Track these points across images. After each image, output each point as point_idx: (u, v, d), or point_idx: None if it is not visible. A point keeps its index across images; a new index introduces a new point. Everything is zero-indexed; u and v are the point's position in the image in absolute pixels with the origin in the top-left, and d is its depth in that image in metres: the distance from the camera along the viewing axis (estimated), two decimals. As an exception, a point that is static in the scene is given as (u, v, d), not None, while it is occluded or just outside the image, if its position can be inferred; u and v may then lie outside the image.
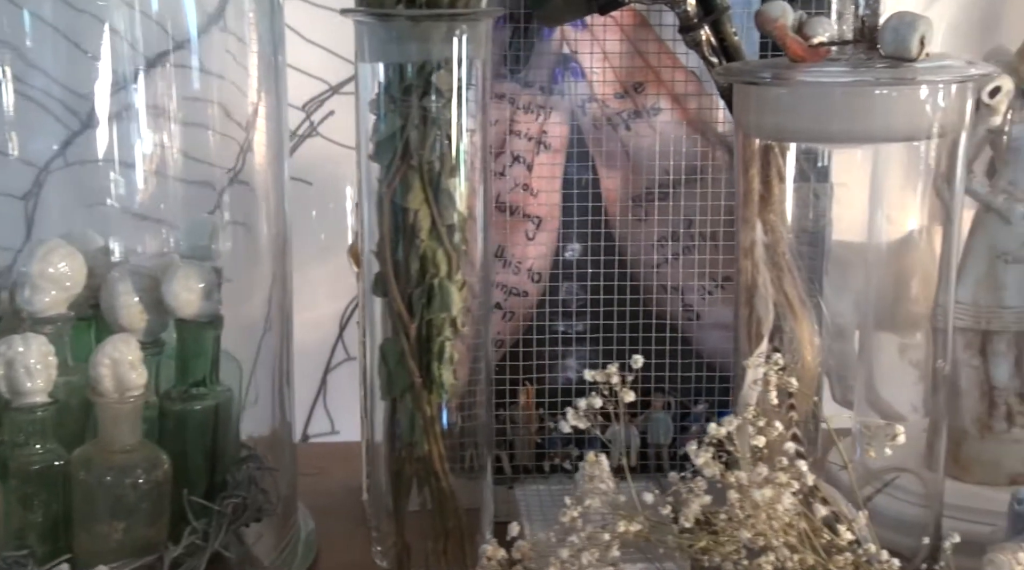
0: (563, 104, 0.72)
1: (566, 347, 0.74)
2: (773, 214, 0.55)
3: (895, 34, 0.49)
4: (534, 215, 0.72)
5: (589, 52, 0.71)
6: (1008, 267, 0.65)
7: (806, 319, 0.56)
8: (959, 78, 0.51)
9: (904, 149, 0.56)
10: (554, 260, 0.73)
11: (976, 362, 0.67)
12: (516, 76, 0.71)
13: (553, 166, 0.72)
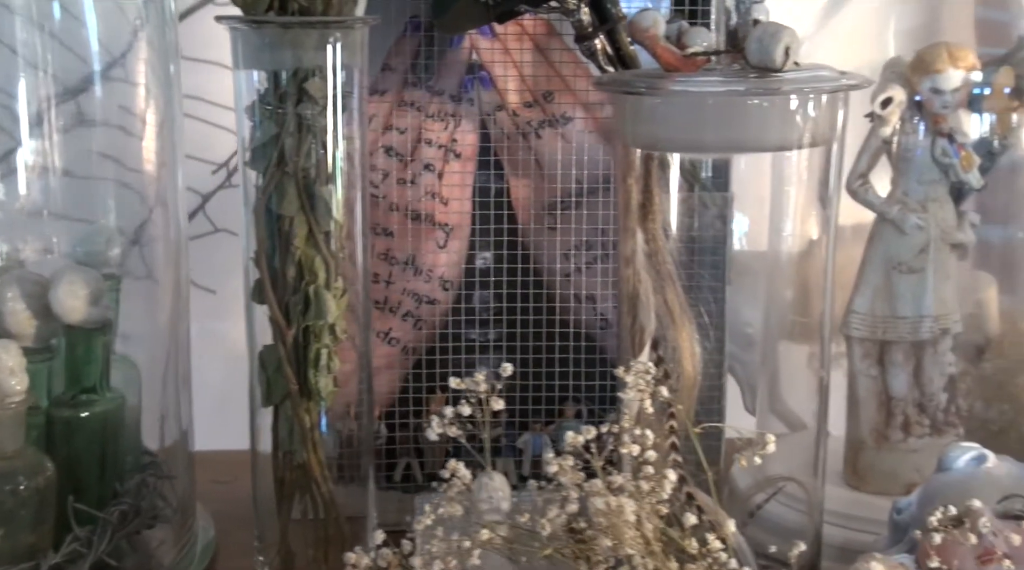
0: (473, 113, 0.72)
1: (478, 355, 0.74)
2: (654, 223, 0.55)
3: (759, 45, 0.49)
4: (445, 223, 0.72)
5: (498, 61, 0.72)
6: (903, 277, 0.65)
7: (686, 328, 0.56)
8: (828, 88, 0.51)
9: (802, 158, 0.56)
10: (465, 268, 0.73)
11: (874, 372, 0.67)
12: (426, 84, 0.71)
13: (464, 174, 0.72)
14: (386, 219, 0.72)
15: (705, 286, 0.67)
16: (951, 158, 0.63)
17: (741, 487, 0.65)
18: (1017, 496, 0.52)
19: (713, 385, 0.69)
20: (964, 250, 0.67)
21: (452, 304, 0.73)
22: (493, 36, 0.71)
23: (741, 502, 0.63)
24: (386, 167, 0.71)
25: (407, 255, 0.72)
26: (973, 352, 0.77)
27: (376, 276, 0.73)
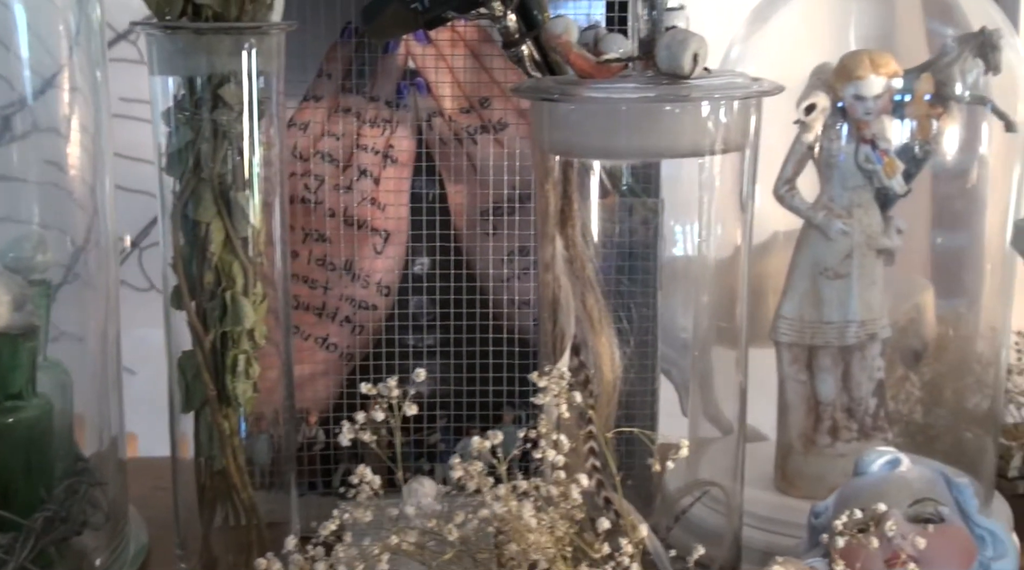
0: (409, 118, 0.72)
1: (416, 361, 0.74)
2: (573, 229, 0.55)
3: (668, 51, 0.49)
4: (382, 229, 0.72)
5: (434, 67, 0.72)
6: (829, 282, 0.66)
7: (605, 334, 0.56)
8: (740, 95, 0.51)
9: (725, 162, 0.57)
10: (403, 274, 0.73)
11: (803, 377, 0.67)
12: (361, 90, 0.72)
13: (400, 180, 0.73)
14: (323, 225, 0.72)
15: (636, 292, 0.68)
16: (874, 164, 0.63)
17: (671, 491, 0.65)
18: (928, 500, 0.52)
19: (646, 390, 0.70)
20: (890, 256, 0.67)
21: (389, 310, 0.73)
22: (428, 42, 0.72)
23: (670, 506, 0.64)
24: (322, 173, 0.71)
25: (344, 261, 0.72)
26: (911, 357, 0.78)
27: (313, 282, 0.73)
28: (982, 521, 0.53)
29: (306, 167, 0.71)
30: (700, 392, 0.77)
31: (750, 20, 0.68)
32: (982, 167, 0.66)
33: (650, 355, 0.68)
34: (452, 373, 0.74)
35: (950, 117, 0.64)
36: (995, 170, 0.66)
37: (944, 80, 0.63)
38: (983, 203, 0.67)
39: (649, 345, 0.68)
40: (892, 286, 0.75)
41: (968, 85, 0.63)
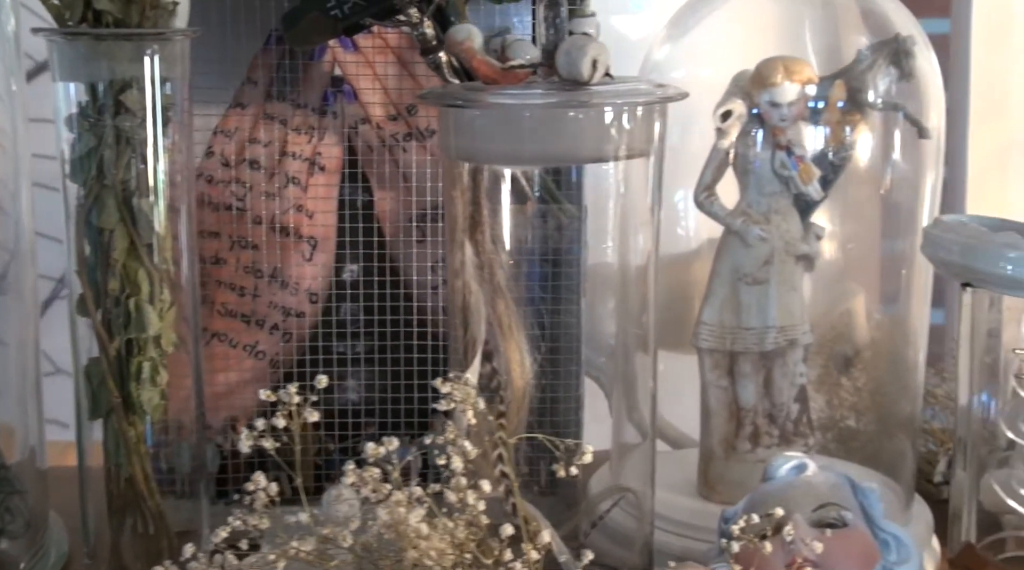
0: (337, 126, 0.72)
1: (346, 368, 0.74)
2: (482, 235, 0.55)
3: (567, 58, 0.49)
4: (310, 236, 0.72)
5: (361, 74, 0.72)
6: (748, 289, 0.66)
7: (515, 340, 0.56)
8: (642, 101, 0.52)
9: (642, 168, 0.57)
10: (332, 281, 0.73)
11: (724, 383, 0.68)
12: (288, 97, 0.72)
13: (328, 187, 0.72)
14: (251, 232, 0.72)
15: (560, 298, 0.68)
16: (790, 170, 0.64)
17: (592, 496, 0.65)
18: (832, 505, 0.52)
19: (570, 396, 0.70)
20: (810, 262, 0.67)
21: (319, 317, 0.73)
22: (355, 49, 0.72)
23: (592, 512, 0.64)
24: (250, 180, 0.71)
25: (273, 268, 0.72)
26: (842, 362, 0.78)
27: (242, 289, 0.73)
28: (887, 526, 0.53)
29: (233, 174, 0.71)
30: (625, 398, 0.77)
31: (672, 24, 0.69)
32: (895, 173, 0.67)
33: (574, 361, 0.68)
34: (380, 380, 0.74)
35: (864, 124, 0.64)
36: (908, 176, 0.67)
37: (858, 87, 0.63)
38: (896, 209, 0.67)
39: (573, 351, 0.68)
40: (824, 292, 0.75)
41: (881, 92, 0.64)
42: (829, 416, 0.80)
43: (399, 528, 0.46)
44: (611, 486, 0.64)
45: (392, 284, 0.73)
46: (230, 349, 0.73)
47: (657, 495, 0.68)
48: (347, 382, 0.75)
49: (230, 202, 0.71)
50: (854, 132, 0.64)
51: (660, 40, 0.69)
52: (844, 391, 0.78)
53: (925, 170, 0.67)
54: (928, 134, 0.65)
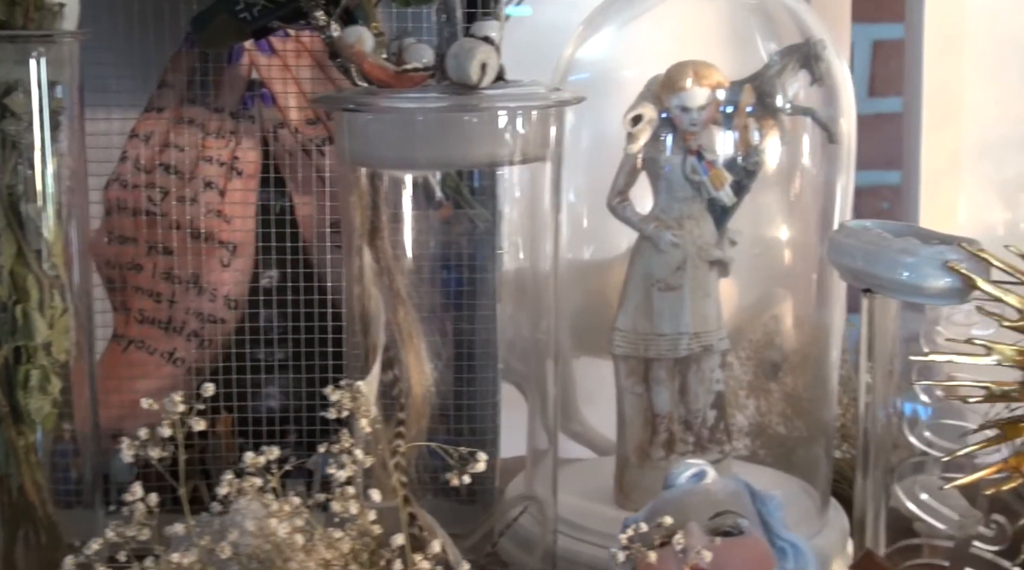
0: (254, 130, 0.71)
1: (266, 375, 0.74)
2: (382, 241, 0.55)
3: (456, 62, 0.49)
4: (228, 242, 0.71)
5: (279, 78, 0.71)
6: (661, 295, 0.65)
7: (415, 348, 0.56)
8: (535, 105, 0.51)
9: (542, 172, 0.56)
10: (251, 287, 0.72)
11: (639, 389, 0.67)
12: (204, 101, 0.71)
13: (246, 192, 0.72)
14: (167, 237, 0.71)
15: (476, 304, 0.67)
16: (700, 176, 0.63)
17: (505, 504, 0.65)
18: (729, 512, 0.52)
19: (487, 403, 0.69)
20: (724, 267, 0.67)
21: (238, 323, 0.72)
22: (273, 53, 0.71)
23: (504, 519, 0.63)
24: (166, 185, 0.71)
25: (190, 274, 0.71)
26: (769, 368, 0.78)
27: (159, 295, 0.72)
28: (785, 533, 0.53)
29: (149, 179, 0.71)
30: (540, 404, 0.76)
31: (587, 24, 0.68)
32: (805, 177, 0.66)
33: (491, 367, 0.68)
34: (300, 388, 0.74)
35: (773, 128, 0.64)
36: (819, 180, 0.66)
37: (769, 91, 0.63)
38: (808, 214, 0.67)
39: (490, 358, 0.68)
40: (751, 296, 0.75)
41: (790, 97, 0.63)
42: (758, 422, 0.79)
43: (271, 539, 0.45)
44: (521, 493, 0.63)
45: (312, 290, 0.72)
46: (148, 356, 0.72)
47: (573, 503, 0.68)
48: (267, 389, 0.74)
49: (146, 207, 0.71)
50: (765, 137, 0.63)
51: (575, 39, 0.68)
52: (773, 397, 0.78)
53: (836, 174, 0.66)
54: (837, 139, 0.65)
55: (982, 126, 1.15)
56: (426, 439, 0.71)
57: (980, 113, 1.16)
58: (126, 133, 0.70)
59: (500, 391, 0.69)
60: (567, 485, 0.71)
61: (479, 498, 0.68)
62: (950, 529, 0.56)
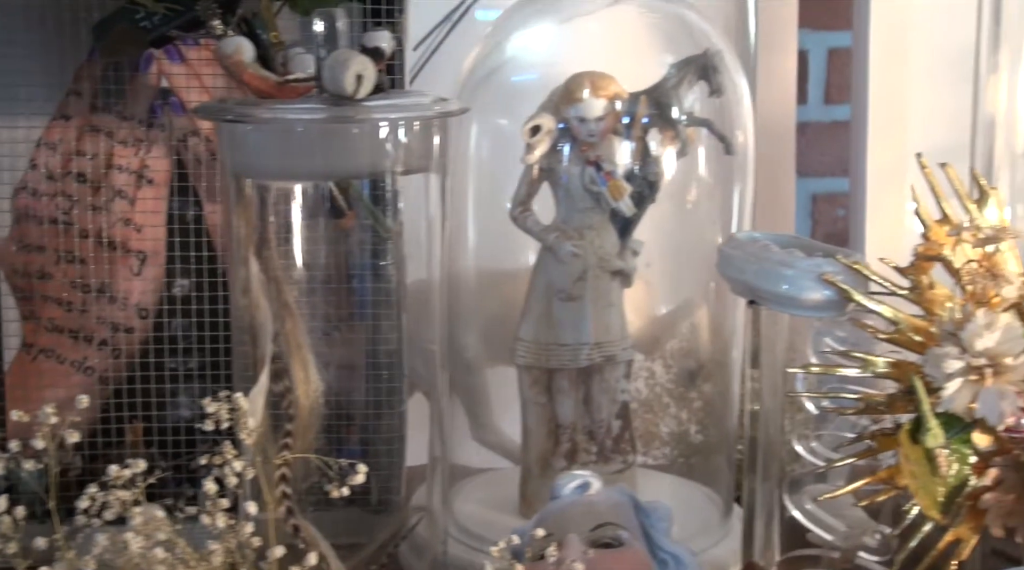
0: (164, 138, 0.71)
1: (177, 384, 0.73)
2: (269, 252, 0.55)
3: (331, 72, 0.49)
4: (139, 250, 0.71)
5: (189, 86, 0.71)
6: (563, 305, 0.65)
7: (301, 358, 0.55)
8: (413, 116, 0.51)
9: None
10: (162, 296, 0.72)
11: (543, 399, 0.67)
12: (114, 109, 0.71)
13: (156, 201, 0.71)
14: (77, 246, 0.71)
15: (381, 313, 0.67)
16: (599, 186, 0.63)
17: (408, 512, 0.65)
18: (610, 524, 0.52)
19: (393, 412, 0.69)
20: (627, 278, 0.67)
21: (149, 332, 0.72)
22: (182, 61, 0.71)
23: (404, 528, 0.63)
24: (75, 193, 0.70)
25: (100, 282, 0.71)
26: (687, 377, 0.78)
27: (69, 304, 0.71)
28: (667, 545, 0.53)
29: (58, 187, 0.70)
30: (471, 415, 0.76)
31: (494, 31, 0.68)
32: (700, 188, 0.66)
33: (396, 378, 0.68)
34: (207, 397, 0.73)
35: (672, 140, 0.64)
36: (715, 191, 0.66)
37: (667, 102, 0.63)
38: (702, 224, 0.67)
39: (395, 367, 0.67)
40: (668, 306, 0.75)
41: (686, 108, 0.63)
42: (678, 430, 0.80)
43: (126, 554, 0.45)
44: (418, 504, 0.63)
45: (223, 299, 0.72)
46: (58, 365, 0.72)
47: (477, 513, 0.68)
48: (179, 399, 0.74)
49: (55, 215, 0.70)
50: (662, 148, 0.63)
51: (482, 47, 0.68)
52: (693, 405, 0.78)
53: (732, 185, 0.66)
54: (734, 150, 0.65)
55: (927, 133, 1.16)
56: (335, 449, 0.71)
57: (925, 120, 1.16)
58: (33, 141, 0.70)
59: (407, 401, 0.68)
60: (474, 495, 0.71)
61: (390, 507, 0.68)
62: (837, 540, 0.56)
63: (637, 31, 0.68)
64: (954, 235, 0.49)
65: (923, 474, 0.46)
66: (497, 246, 0.71)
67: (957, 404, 0.46)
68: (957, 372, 0.46)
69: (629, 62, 0.66)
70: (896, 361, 0.50)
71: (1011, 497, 0.48)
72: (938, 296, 0.49)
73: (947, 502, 0.47)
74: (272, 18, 0.61)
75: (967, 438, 0.47)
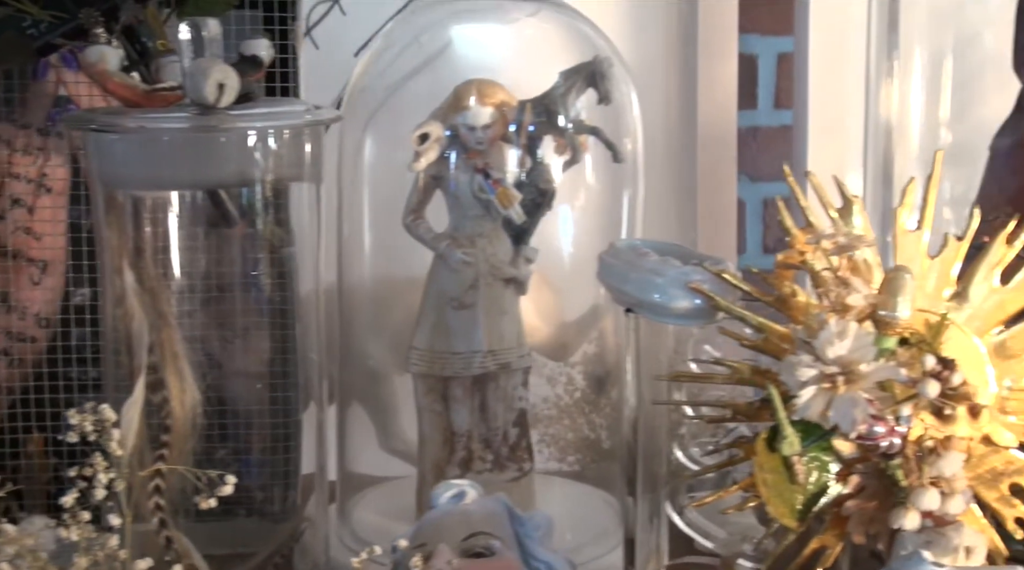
0: (63, 146, 0.70)
1: (80, 394, 0.73)
2: (144, 261, 0.54)
3: (192, 81, 0.49)
4: (39, 259, 0.71)
5: (87, 95, 0.70)
6: (456, 313, 0.65)
7: (176, 369, 0.55)
8: (280, 124, 0.51)
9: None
10: (63, 305, 0.72)
11: (439, 407, 0.67)
12: (10, 118, 0.70)
13: (55, 209, 0.71)
14: (-25, 255, 0.70)
15: (276, 323, 0.67)
16: (487, 194, 0.63)
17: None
18: (482, 534, 0.52)
19: (288, 421, 0.69)
20: (520, 285, 0.66)
21: (49, 342, 0.72)
22: (79, 69, 0.70)
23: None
24: (-28, 203, 0.70)
25: (1, 293, 0.70)
26: (595, 383, 0.78)
27: (-33, 313, 0.71)
28: (540, 554, 0.52)
29: (-45, 197, 0.70)
30: (378, 424, 0.76)
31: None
32: (590, 195, 0.66)
33: (290, 386, 0.67)
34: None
35: (563, 147, 0.64)
36: (603, 198, 0.67)
37: (556, 110, 0.63)
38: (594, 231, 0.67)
39: (288, 376, 0.67)
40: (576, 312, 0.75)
41: (572, 116, 0.63)
42: (590, 436, 0.79)
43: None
44: (302, 516, 0.63)
45: (127, 309, 0.72)
46: (-43, 375, 0.71)
47: (373, 521, 0.68)
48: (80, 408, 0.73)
49: None
50: (550, 155, 0.63)
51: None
52: (604, 411, 0.78)
53: (621, 193, 0.66)
54: (622, 158, 0.65)
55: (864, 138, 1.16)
56: (237, 459, 0.71)
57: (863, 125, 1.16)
58: None
59: (302, 410, 0.68)
60: (374, 504, 0.71)
61: (288, 517, 0.68)
62: (717, 547, 0.56)
63: (535, 41, 0.68)
64: (814, 243, 0.49)
65: (779, 482, 0.46)
66: (399, 255, 0.71)
67: (812, 412, 0.46)
68: (811, 380, 0.46)
69: (527, 71, 0.67)
70: (761, 369, 0.50)
71: (873, 504, 0.48)
72: (802, 304, 0.49)
73: (804, 510, 0.47)
74: (159, 26, 0.61)
75: (827, 445, 0.47)
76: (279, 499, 0.68)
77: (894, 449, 0.46)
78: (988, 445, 0.48)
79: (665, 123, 1.06)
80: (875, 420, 0.45)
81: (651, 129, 1.05)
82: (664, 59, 1.04)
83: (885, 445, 0.46)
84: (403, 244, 0.71)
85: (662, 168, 1.05)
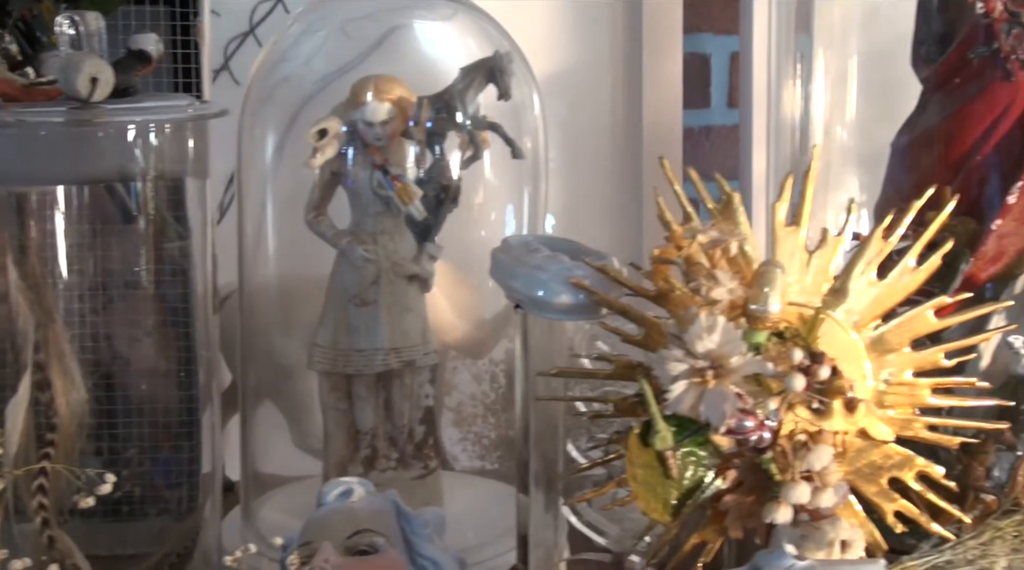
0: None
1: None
2: (29, 258, 0.54)
3: (63, 75, 0.48)
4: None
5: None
6: (357, 310, 0.65)
7: (62, 367, 0.54)
8: (157, 119, 0.50)
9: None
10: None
11: (343, 405, 0.66)
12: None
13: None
14: None
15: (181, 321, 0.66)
16: (387, 190, 0.63)
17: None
18: (367, 531, 0.51)
19: (184, 420, 0.68)
20: (424, 282, 0.66)
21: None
22: None
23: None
24: None
25: None
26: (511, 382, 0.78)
27: None
28: (427, 551, 0.52)
29: None
30: (292, 422, 0.75)
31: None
32: (488, 191, 0.66)
33: (192, 384, 0.67)
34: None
35: (465, 143, 0.63)
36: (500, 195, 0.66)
37: (453, 106, 0.63)
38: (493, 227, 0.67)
39: (191, 375, 0.66)
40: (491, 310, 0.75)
41: (470, 113, 0.63)
42: (506, 435, 0.79)
43: None
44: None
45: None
46: None
47: (278, 521, 0.67)
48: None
49: None
50: (449, 151, 0.63)
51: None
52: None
53: (520, 189, 0.66)
54: (521, 154, 0.65)
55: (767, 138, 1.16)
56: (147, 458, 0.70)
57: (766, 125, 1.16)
58: None
59: (203, 409, 0.67)
60: (281, 503, 0.71)
61: (191, 517, 0.67)
62: (609, 544, 0.56)
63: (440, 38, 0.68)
64: (689, 237, 0.49)
65: (651, 477, 0.46)
66: (306, 252, 0.70)
67: (683, 406, 0.46)
68: (681, 374, 0.45)
69: (435, 68, 0.66)
70: (635, 364, 0.49)
71: (750, 499, 0.48)
72: (679, 299, 0.49)
73: (679, 505, 0.47)
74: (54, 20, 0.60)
75: (703, 440, 0.47)
76: (180, 498, 0.67)
77: (764, 443, 0.46)
78: (866, 439, 0.49)
79: (611, 122, 1.06)
80: (744, 414, 0.45)
81: (597, 128, 1.06)
82: (609, 58, 1.04)
83: (755, 439, 0.46)
84: (311, 241, 0.70)
85: (608, 167, 1.05)
